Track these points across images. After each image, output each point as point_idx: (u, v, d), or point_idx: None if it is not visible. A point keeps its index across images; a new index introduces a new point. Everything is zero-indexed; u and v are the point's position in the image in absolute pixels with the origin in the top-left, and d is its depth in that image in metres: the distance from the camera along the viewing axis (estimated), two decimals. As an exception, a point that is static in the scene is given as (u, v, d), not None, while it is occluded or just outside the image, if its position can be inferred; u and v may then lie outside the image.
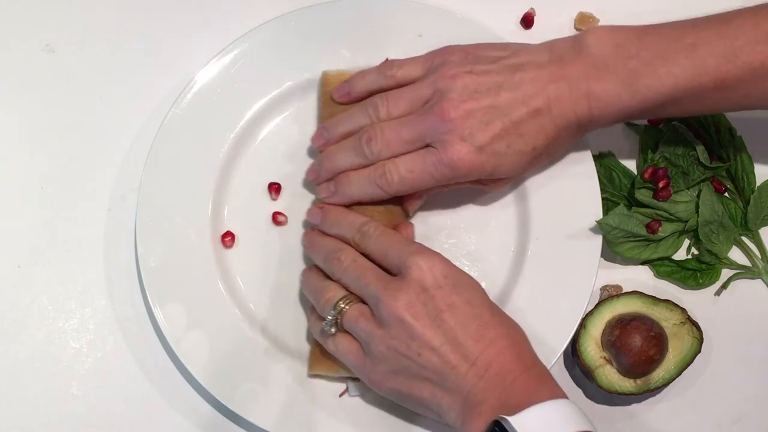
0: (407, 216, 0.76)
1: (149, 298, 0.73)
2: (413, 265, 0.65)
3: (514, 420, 0.58)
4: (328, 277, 0.71)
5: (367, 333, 0.66)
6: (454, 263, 0.67)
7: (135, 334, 0.77)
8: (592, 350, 0.73)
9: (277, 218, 0.78)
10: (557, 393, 0.63)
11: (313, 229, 0.74)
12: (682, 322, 0.74)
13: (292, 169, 0.79)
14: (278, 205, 0.78)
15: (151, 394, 0.75)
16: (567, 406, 0.61)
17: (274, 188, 0.78)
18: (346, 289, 0.68)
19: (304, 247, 0.75)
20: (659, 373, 0.73)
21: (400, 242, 0.68)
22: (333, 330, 0.68)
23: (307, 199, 0.78)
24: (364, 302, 0.67)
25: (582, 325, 0.74)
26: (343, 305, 0.67)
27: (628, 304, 0.75)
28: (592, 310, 0.75)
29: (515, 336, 0.66)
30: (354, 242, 0.70)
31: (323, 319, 0.68)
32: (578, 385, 0.76)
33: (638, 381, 0.73)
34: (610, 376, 0.73)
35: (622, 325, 0.73)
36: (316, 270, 0.72)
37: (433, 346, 0.63)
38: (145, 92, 0.82)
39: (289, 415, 0.72)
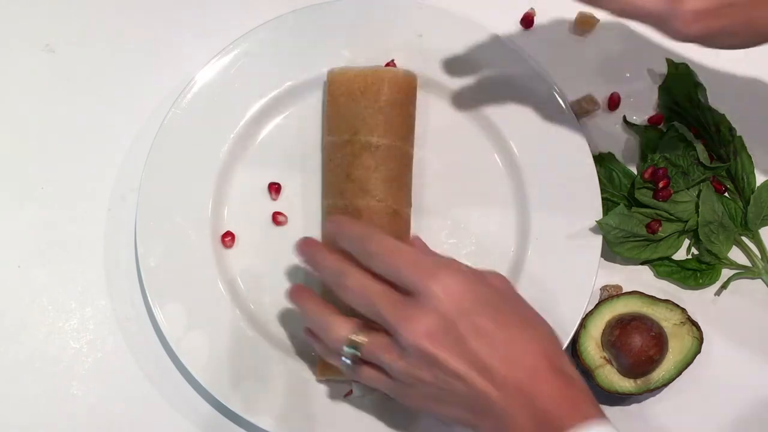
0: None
1: (149, 298, 0.73)
2: (429, 294, 0.60)
3: None
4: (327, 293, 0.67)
5: (389, 365, 0.62)
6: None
7: (135, 334, 0.77)
8: (592, 350, 0.73)
9: (277, 218, 0.77)
10: (593, 414, 0.59)
11: (306, 241, 0.69)
12: (682, 322, 0.74)
13: (292, 169, 0.79)
14: (278, 205, 0.78)
15: (151, 394, 0.75)
16: (602, 427, 0.57)
17: (274, 188, 0.78)
18: (357, 311, 0.64)
19: (303, 261, 0.69)
20: (659, 373, 0.73)
21: (411, 263, 0.62)
22: (353, 366, 0.64)
23: (307, 199, 0.78)
24: (377, 326, 0.64)
25: (582, 325, 0.74)
26: (358, 340, 0.63)
27: (628, 304, 0.75)
28: (592, 310, 0.75)
29: (548, 350, 0.61)
30: (361, 260, 0.65)
31: (334, 351, 0.65)
32: (578, 385, 0.76)
33: (638, 381, 0.73)
34: (610, 376, 0.73)
35: (622, 325, 0.73)
36: (310, 296, 0.68)
37: (459, 374, 0.60)
38: (145, 92, 0.82)
39: (289, 415, 0.72)
